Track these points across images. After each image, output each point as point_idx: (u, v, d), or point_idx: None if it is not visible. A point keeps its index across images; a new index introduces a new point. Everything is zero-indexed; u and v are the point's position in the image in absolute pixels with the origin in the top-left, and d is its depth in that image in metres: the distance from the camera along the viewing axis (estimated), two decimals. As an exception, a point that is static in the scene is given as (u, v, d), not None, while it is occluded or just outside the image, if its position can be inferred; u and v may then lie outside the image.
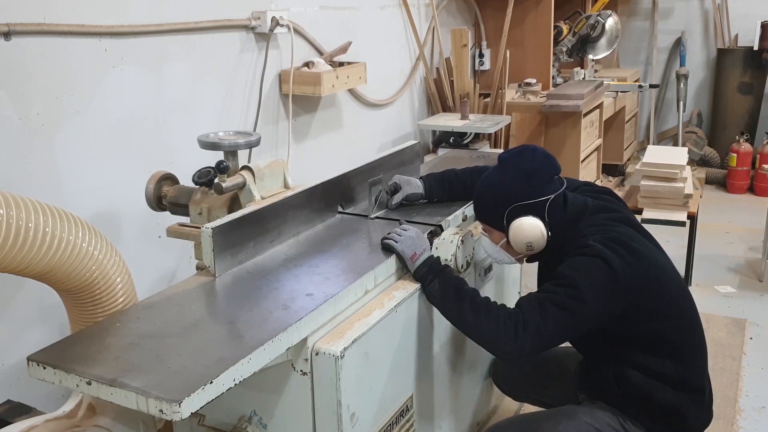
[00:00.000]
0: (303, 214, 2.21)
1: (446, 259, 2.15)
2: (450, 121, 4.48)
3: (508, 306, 1.93)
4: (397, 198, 2.41)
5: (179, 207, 2.33)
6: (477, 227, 2.44)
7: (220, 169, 2.22)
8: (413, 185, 2.44)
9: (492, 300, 1.97)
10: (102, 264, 1.85)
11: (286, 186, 2.34)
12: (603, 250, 1.88)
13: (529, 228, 1.98)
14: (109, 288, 1.87)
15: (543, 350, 1.92)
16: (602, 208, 2.07)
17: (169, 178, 2.37)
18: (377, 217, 2.35)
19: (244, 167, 2.24)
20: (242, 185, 2.20)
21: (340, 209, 2.40)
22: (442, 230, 2.25)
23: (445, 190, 2.46)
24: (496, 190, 2.03)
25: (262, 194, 2.22)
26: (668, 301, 2.00)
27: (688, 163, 3.68)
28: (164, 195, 2.33)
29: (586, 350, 2.19)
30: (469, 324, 1.92)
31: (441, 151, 4.31)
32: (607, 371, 2.05)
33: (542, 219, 1.98)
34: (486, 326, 1.88)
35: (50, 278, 1.80)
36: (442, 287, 1.97)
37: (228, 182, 2.16)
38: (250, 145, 2.41)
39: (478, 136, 4.51)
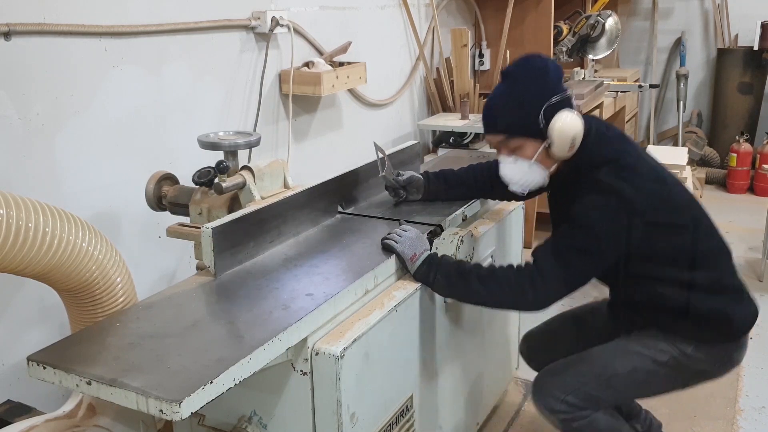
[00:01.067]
0: (303, 214, 2.21)
1: (446, 259, 2.15)
2: (450, 121, 4.48)
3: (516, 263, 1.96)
4: (405, 175, 2.41)
5: (179, 207, 2.33)
6: (476, 227, 2.45)
7: (220, 169, 2.22)
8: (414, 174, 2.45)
9: (498, 265, 1.99)
10: (102, 263, 1.85)
11: (286, 186, 2.34)
12: (614, 182, 1.89)
13: (571, 121, 1.93)
14: (109, 288, 1.87)
15: (569, 293, 1.93)
16: (604, 125, 2.09)
17: (169, 178, 2.37)
18: (379, 217, 2.35)
19: (244, 167, 2.24)
20: (242, 185, 2.20)
21: (340, 209, 2.40)
22: (442, 230, 2.25)
23: (441, 183, 2.45)
24: (520, 96, 1.96)
25: (262, 194, 2.22)
26: (681, 212, 2.01)
27: (688, 163, 3.68)
28: (164, 195, 2.33)
29: (614, 282, 2.15)
30: (484, 298, 1.97)
31: (441, 151, 4.31)
32: (641, 297, 2.04)
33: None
34: (499, 292, 1.93)
35: (50, 278, 1.79)
36: (445, 278, 1.97)
37: (228, 182, 2.16)
38: (250, 145, 2.40)
39: (478, 136, 4.51)
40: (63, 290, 1.87)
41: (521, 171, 2.03)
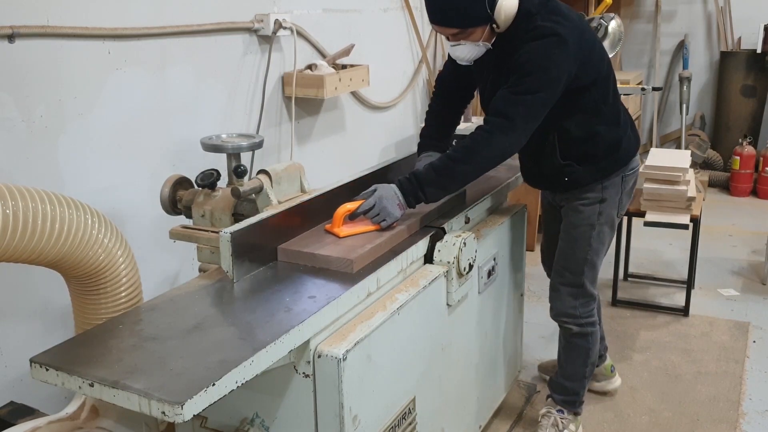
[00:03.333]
0: (319, 218, 2.19)
1: (449, 262, 2.15)
2: (452, 124, 4.47)
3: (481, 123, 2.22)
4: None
5: (193, 210, 2.32)
6: (479, 230, 2.45)
7: (238, 173, 2.22)
8: None
9: (463, 139, 2.21)
10: (109, 249, 1.88)
11: (303, 190, 2.33)
12: (553, 26, 2.18)
13: (510, 2, 2.18)
14: (115, 275, 1.90)
15: (534, 128, 2.22)
16: None
17: (184, 182, 2.37)
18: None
19: (261, 171, 2.23)
20: (259, 189, 2.19)
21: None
22: (445, 233, 2.24)
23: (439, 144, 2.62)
24: None
25: (279, 198, 2.22)
26: (601, 59, 2.37)
27: (691, 166, 3.66)
28: (179, 199, 2.33)
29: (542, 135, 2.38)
30: (475, 171, 2.22)
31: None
32: (552, 138, 2.39)
33: None
34: (483, 158, 2.19)
35: (62, 266, 1.83)
36: (434, 188, 2.18)
37: (246, 186, 2.15)
38: (253, 148, 2.41)
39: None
40: (72, 277, 1.89)
41: (470, 50, 2.30)
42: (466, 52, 2.31)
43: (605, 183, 2.48)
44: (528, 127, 2.20)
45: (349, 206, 2.14)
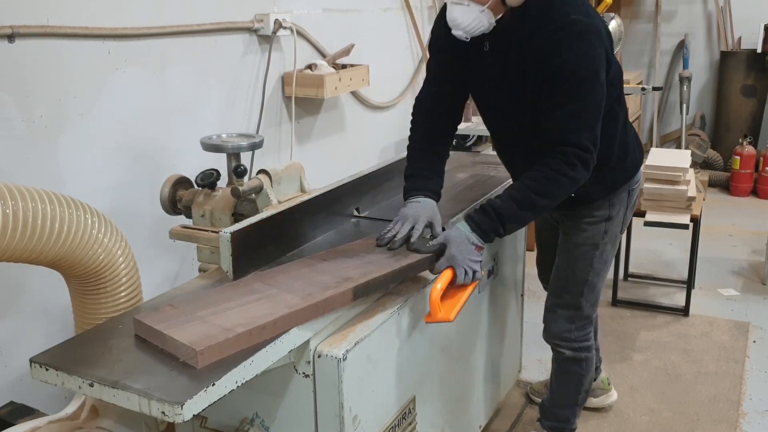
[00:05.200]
0: (319, 218, 2.20)
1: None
2: (453, 124, 4.47)
3: (547, 159, 2.00)
4: (435, 240, 2.01)
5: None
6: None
7: (238, 173, 2.22)
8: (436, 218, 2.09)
9: (540, 170, 2.00)
10: (108, 248, 1.88)
11: (303, 190, 2.33)
12: (589, 21, 1.97)
13: None
14: (114, 274, 1.90)
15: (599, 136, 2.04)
16: None
17: (184, 182, 2.37)
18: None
19: (261, 171, 2.23)
20: (259, 189, 2.19)
21: (355, 213, 2.38)
22: (445, 233, 2.23)
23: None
24: None
25: (279, 198, 2.21)
26: (614, 54, 2.14)
27: (691, 166, 3.66)
28: (179, 199, 2.33)
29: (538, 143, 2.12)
30: (552, 205, 2.04)
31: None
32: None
33: None
34: (560, 192, 2.01)
35: (62, 265, 1.83)
36: (515, 223, 2.01)
37: (246, 186, 2.15)
38: (253, 148, 2.41)
39: (481, 139, 4.51)
40: (72, 277, 1.89)
41: (471, 15, 1.96)
42: (467, 17, 1.95)
43: (613, 199, 2.30)
44: (596, 143, 2.02)
45: (439, 286, 1.87)
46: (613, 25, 5.33)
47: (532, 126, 2.07)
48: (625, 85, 6.00)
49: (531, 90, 2.04)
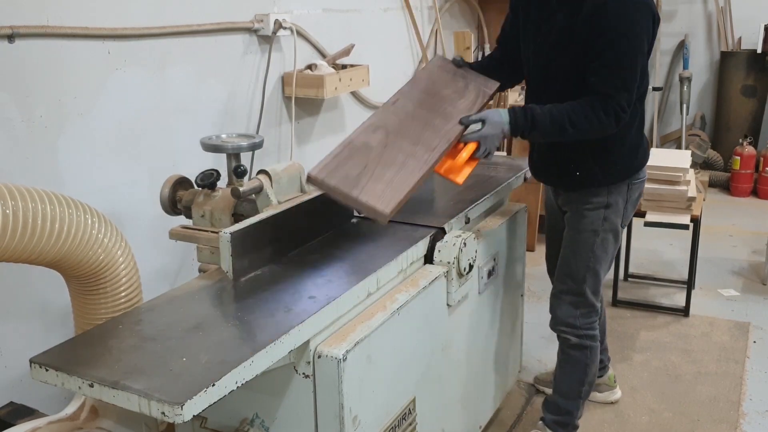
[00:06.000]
0: (319, 218, 2.20)
1: (449, 262, 2.15)
2: (453, 124, 4.47)
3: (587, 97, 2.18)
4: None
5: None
6: (479, 230, 2.44)
7: (238, 173, 2.22)
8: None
9: (575, 103, 2.18)
10: (108, 248, 1.88)
11: (303, 190, 2.33)
12: None
13: None
14: (114, 274, 1.90)
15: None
16: None
17: (184, 182, 2.36)
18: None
19: (261, 171, 2.23)
20: (259, 189, 2.19)
21: (355, 213, 2.38)
22: (445, 233, 2.24)
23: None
24: None
25: (279, 198, 2.22)
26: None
27: (691, 166, 3.66)
28: (179, 199, 2.33)
29: None
30: (575, 137, 2.22)
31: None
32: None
33: None
34: (588, 129, 2.18)
35: (61, 265, 1.83)
36: (541, 134, 2.21)
37: (246, 186, 2.15)
38: (253, 148, 2.41)
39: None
40: (72, 277, 1.89)
41: None
42: None
43: (611, 188, 2.43)
44: (631, 100, 2.20)
45: (464, 155, 2.16)
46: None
47: (568, 82, 2.27)
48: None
49: (574, 50, 2.23)
